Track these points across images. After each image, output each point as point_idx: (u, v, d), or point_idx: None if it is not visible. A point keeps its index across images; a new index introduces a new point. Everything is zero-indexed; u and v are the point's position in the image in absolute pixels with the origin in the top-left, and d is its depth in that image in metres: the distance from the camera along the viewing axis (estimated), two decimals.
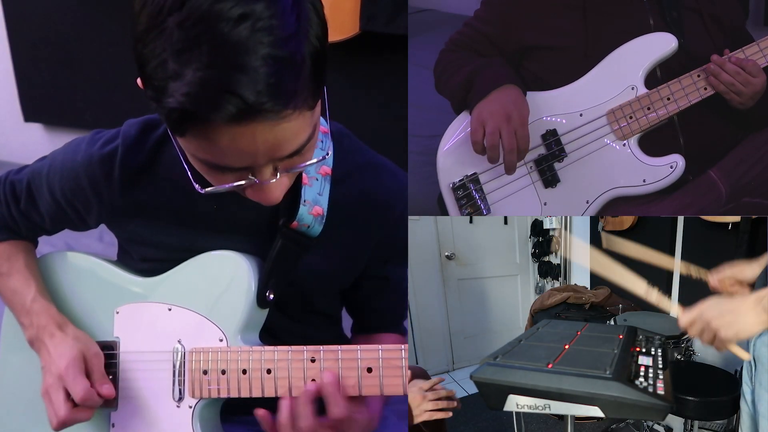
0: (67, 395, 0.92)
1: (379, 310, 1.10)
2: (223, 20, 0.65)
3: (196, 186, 0.79)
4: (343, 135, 1.00)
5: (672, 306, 0.96)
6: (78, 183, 0.95)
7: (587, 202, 1.21)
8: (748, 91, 1.14)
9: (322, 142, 0.95)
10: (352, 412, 0.86)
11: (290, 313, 1.02)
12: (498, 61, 1.26)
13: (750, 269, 0.98)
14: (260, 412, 0.88)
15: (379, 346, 0.86)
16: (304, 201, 0.92)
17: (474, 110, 1.19)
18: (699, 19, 1.21)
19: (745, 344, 1.02)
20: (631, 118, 1.19)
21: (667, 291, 2.07)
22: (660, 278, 2.06)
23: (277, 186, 0.78)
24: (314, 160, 0.78)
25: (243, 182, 0.75)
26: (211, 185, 0.79)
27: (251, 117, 0.67)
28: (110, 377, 0.98)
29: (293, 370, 0.89)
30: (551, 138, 1.21)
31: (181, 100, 0.66)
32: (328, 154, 0.81)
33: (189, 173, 0.80)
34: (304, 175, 0.93)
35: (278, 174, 0.76)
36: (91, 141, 0.96)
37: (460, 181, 1.24)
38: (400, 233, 1.03)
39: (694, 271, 1.08)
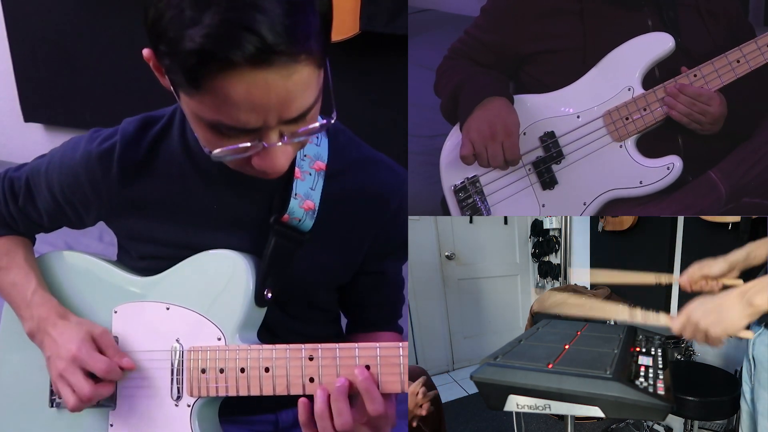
0: (86, 374, 0.92)
1: (375, 305, 1.10)
2: None
3: (206, 149, 0.79)
4: (339, 131, 1.00)
5: (661, 317, 0.97)
6: (76, 180, 0.96)
7: (584, 204, 1.21)
8: (708, 120, 1.14)
9: (317, 138, 0.96)
10: (387, 408, 0.86)
11: (289, 310, 1.03)
12: (482, 71, 1.26)
13: (716, 265, 1.01)
14: (302, 399, 0.86)
15: (377, 344, 0.86)
16: (295, 194, 0.93)
17: (463, 128, 1.20)
18: (698, 17, 1.21)
19: (744, 345, 1.02)
20: (627, 119, 1.19)
21: (666, 297, 2.07)
22: (659, 290, 2.06)
23: (283, 153, 0.78)
24: (316, 125, 0.79)
25: (249, 144, 0.76)
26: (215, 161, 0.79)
27: (268, 59, 0.68)
28: None
29: (291, 368, 0.89)
30: (549, 140, 1.21)
31: (201, 41, 0.68)
32: (333, 119, 0.81)
33: (198, 137, 0.80)
34: (296, 169, 0.93)
35: (285, 138, 0.77)
36: (90, 139, 0.96)
37: (461, 183, 1.24)
38: (397, 228, 1.03)
39: (664, 279, 1.09)
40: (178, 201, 0.95)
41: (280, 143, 0.77)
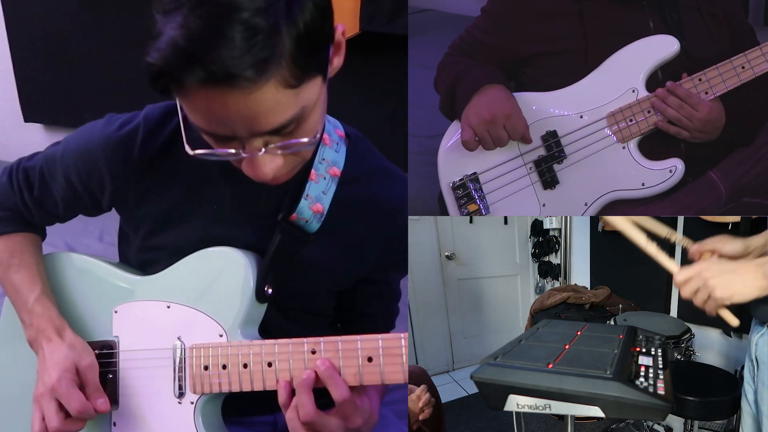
0: (60, 406, 0.92)
1: (372, 315, 1.10)
2: None
3: (187, 147, 0.80)
4: (359, 139, 1.01)
5: (670, 263, 0.97)
6: (95, 164, 0.95)
7: (585, 204, 1.21)
8: (695, 125, 1.14)
9: (337, 144, 0.96)
10: (354, 396, 0.87)
11: (288, 313, 1.02)
12: (479, 65, 1.26)
13: (731, 245, 0.99)
14: (282, 382, 0.88)
15: (379, 336, 0.86)
16: (307, 195, 0.93)
17: (462, 116, 1.20)
18: (700, 19, 1.20)
19: (745, 345, 1.02)
20: (631, 120, 1.18)
21: (666, 297, 2.07)
22: (660, 290, 2.07)
23: (267, 162, 0.78)
24: (304, 140, 0.78)
25: (232, 150, 0.76)
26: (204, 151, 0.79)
27: (220, 82, 0.68)
28: (110, 376, 0.98)
29: (294, 362, 0.89)
30: (551, 139, 1.21)
31: (155, 56, 0.68)
32: (318, 138, 0.80)
33: (184, 135, 0.81)
34: (312, 171, 0.93)
35: (265, 149, 0.76)
36: (108, 123, 0.96)
37: (460, 180, 1.24)
38: (404, 240, 1.03)
39: (682, 240, 1.08)
40: (193, 191, 0.95)
41: (260, 153, 0.76)
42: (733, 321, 0.87)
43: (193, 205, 0.96)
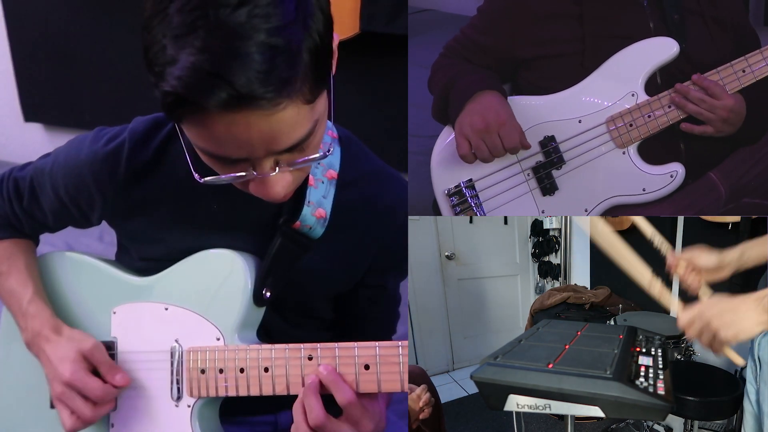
0: (85, 397, 0.92)
1: (372, 320, 1.10)
2: (221, 6, 0.65)
3: (196, 175, 0.79)
4: (351, 141, 1.00)
5: (673, 302, 0.96)
6: (82, 180, 0.95)
7: (585, 211, 1.20)
8: (717, 117, 1.12)
9: (330, 146, 0.95)
10: (365, 401, 0.87)
11: (287, 315, 1.02)
12: (472, 69, 1.25)
13: (705, 257, 0.99)
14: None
15: (377, 344, 0.86)
16: (308, 202, 0.92)
17: (455, 126, 1.19)
18: (701, 23, 1.19)
19: (748, 344, 1.02)
20: (631, 125, 1.17)
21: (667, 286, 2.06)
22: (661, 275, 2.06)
23: (279, 181, 0.77)
24: (316, 155, 0.77)
25: (243, 173, 0.75)
26: (212, 176, 0.78)
27: (244, 104, 0.66)
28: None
29: (291, 368, 0.89)
30: (550, 145, 1.20)
31: (174, 84, 0.66)
32: (329, 151, 0.80)
33: (190, 162, 0.80)
34: (310, 176, 0.93)
35: (278, 168, 0.75)
36: (95, 138, 0.96)
37: (455, 187, 1.23)
38: (401, 242, 1.03)
39: (662, 243, 1.07)
40: (183, 203, 0.95)
41: (273, 173, 0.75)
42: (738, 361, 0.87)
43: (185, 216, 0.96)
